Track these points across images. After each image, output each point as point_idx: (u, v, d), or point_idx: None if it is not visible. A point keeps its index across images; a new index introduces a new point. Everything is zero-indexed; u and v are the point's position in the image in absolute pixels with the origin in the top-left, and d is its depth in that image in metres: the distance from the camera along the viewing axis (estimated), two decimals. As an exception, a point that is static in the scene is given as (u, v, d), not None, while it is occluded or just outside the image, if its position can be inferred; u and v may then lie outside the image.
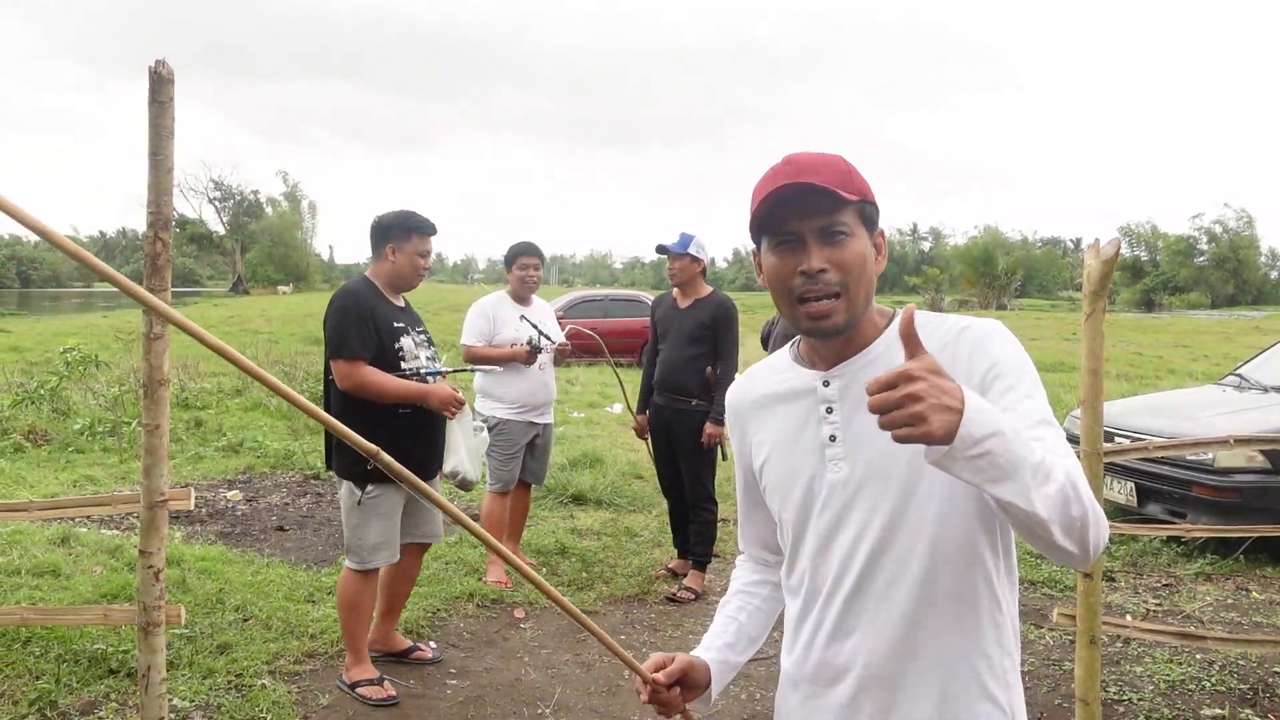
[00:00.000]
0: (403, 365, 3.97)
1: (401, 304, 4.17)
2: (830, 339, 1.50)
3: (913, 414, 1.16)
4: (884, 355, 1.51)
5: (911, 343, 1.20)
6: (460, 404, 4.03)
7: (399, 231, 4.07)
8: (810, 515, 1.55)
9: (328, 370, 4.00)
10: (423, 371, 4.03)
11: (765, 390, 1.64)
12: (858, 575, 1.50)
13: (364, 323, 3.90)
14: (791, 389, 1.58)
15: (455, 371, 4.37)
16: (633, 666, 1.63)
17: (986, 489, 1.23)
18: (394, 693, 4.00)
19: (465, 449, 4.11)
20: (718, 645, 1.72)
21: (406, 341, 4.03)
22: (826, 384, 1.53)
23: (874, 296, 1.53)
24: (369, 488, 3.92)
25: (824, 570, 1.55)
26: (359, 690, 3.97)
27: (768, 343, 6.08)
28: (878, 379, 1.19)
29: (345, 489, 3.98)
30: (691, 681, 1.65)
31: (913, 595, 1.46)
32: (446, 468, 4.13)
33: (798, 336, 1.63)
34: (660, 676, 1.62)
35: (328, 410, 4.02)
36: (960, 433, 1.17)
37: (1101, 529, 1.33)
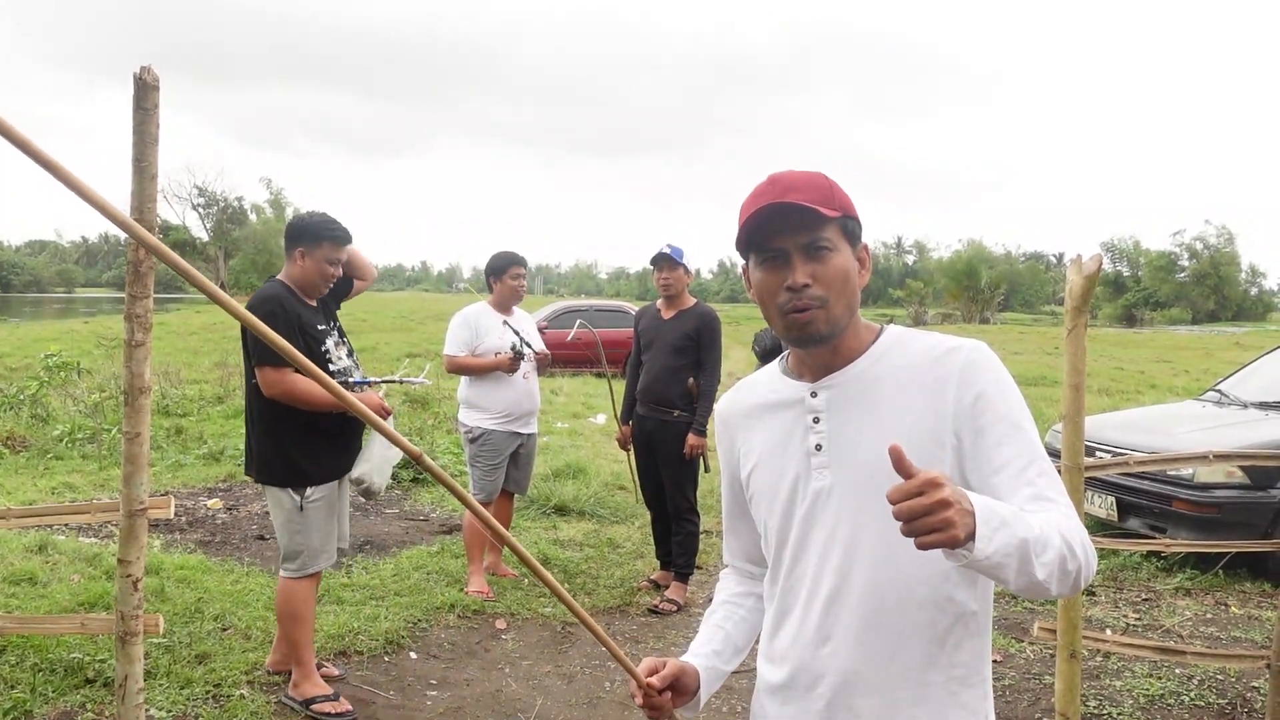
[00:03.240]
0: (330, 368, 3.93)
1: (314, 305, 4.05)
2: (814, 347, 1.54)
3: (943, 519, 1.18)
4: (869, 370, 1.55)
5: (905, 463, 1.22)
6: (387, 414, 3.96)
7: (310, 238, 3.94)
8: (793, 520, 1.59)
9: (249, 375, 3.89)
10: (350, 381, 3.99)
11: (755, 401, 1.68)
12: (835, 581, 1.53)
13: (291, 328, 3.77)
14: (780, 399, 1.62)
15: (382, 382, 4.31)
16: (629, 669, 1.64)
17: (995, 575, 1.28)
18: (350, 708, 3.93)
19: (378, 458, 4.09)
20: (705, 652, 1.74)
21: (330, 344, 3.99)
22: (814, 395, 1.57)
23: (859, 309, 1.57)
24: (309, 491, 3.87)
25: (803, 575, 1.59)
26: (315, 708, 3.89)
27: (769, 355, 6.10)
28: (902, 486, 1.20)
29: (283, 495, 3.88)
30: (682, 686, 1.68)
31: (888, 602, 1.50)
32: (354, 473, 4.07)
33: (786, 351, 1.67)
34: (655, 681, 1.64)
35: (249, 415, 3.99)
36: (978, 533, 1.21)
37: (1092, 567, 1.39)
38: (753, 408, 1.68)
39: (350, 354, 4.14)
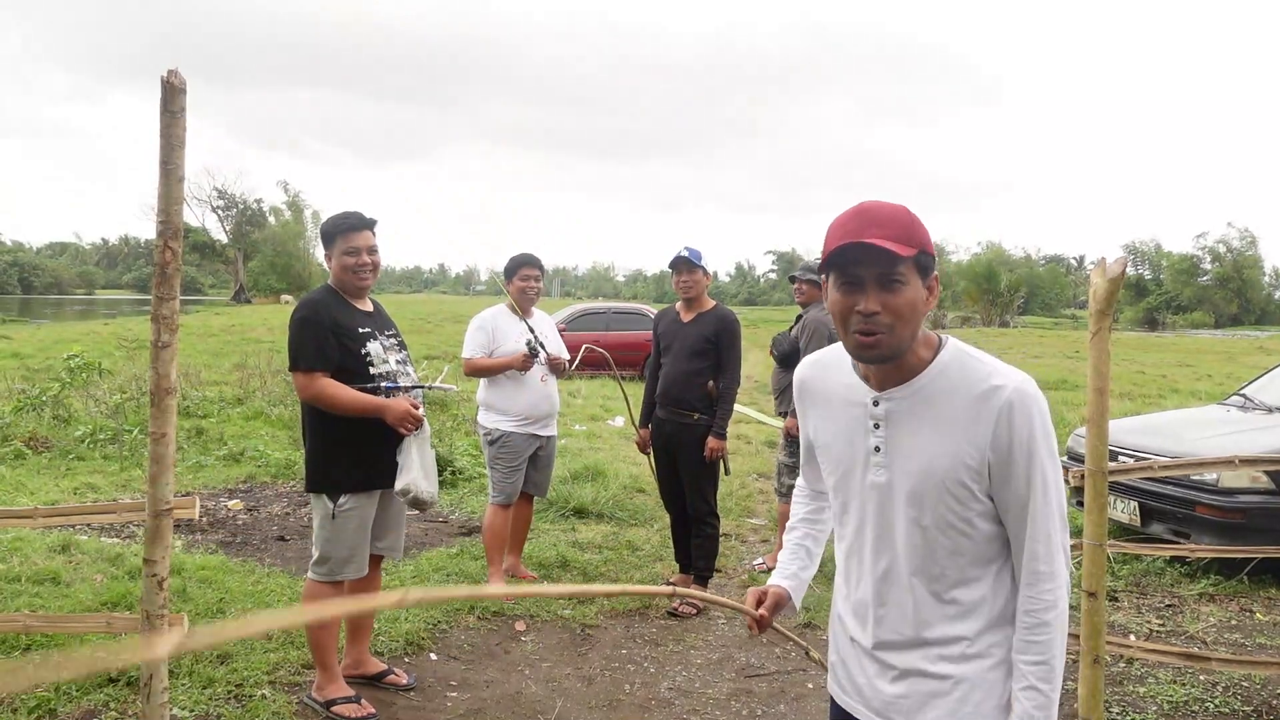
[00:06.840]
0: (371, 371, 3.91)
1: (368, 308, 4.06)
2: (876, 365, 1.78)
3: None
4: (926, 388, 1.78)
5: None
6: (417, 421, 3.91)
7: (326, 238, 4.00)
8: (853, 501, 1.91)
9: None
10: (380, 386, 3.93)
11: (830, 387, 1.93)
12: (888, 560, 1.85)
13: (323, 333, 3.82)
14: (849, 398, 1.88)
15: (411, 388, 4.16)
16: (741, 609, 2.07)
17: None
18: (373, 710, 3.94)
19: (420, 466, 3.97)
20: (792, 572, 2.15)
21: (374, 346, 3.94)
22: (876, 404, 1.82)
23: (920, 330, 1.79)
24: (342, 499, 3.86)
25: (863, 546, 1.90)
26: (335, 709, 3.89)
27: (795, 354, 6.08)
28: None
29: (318, 501, 3.90)
30: (780, 604, 2.10)
31: (913, 575, 1.84)
32: (397, 485, 3.95)
33: None
34: (766, 614, 2.06)
35: (302, 419, 4.03)
36: None
37: (1066, 594, 1.76)
38: (827, 393, 1.93)
39: (403, 360, 4.09)
